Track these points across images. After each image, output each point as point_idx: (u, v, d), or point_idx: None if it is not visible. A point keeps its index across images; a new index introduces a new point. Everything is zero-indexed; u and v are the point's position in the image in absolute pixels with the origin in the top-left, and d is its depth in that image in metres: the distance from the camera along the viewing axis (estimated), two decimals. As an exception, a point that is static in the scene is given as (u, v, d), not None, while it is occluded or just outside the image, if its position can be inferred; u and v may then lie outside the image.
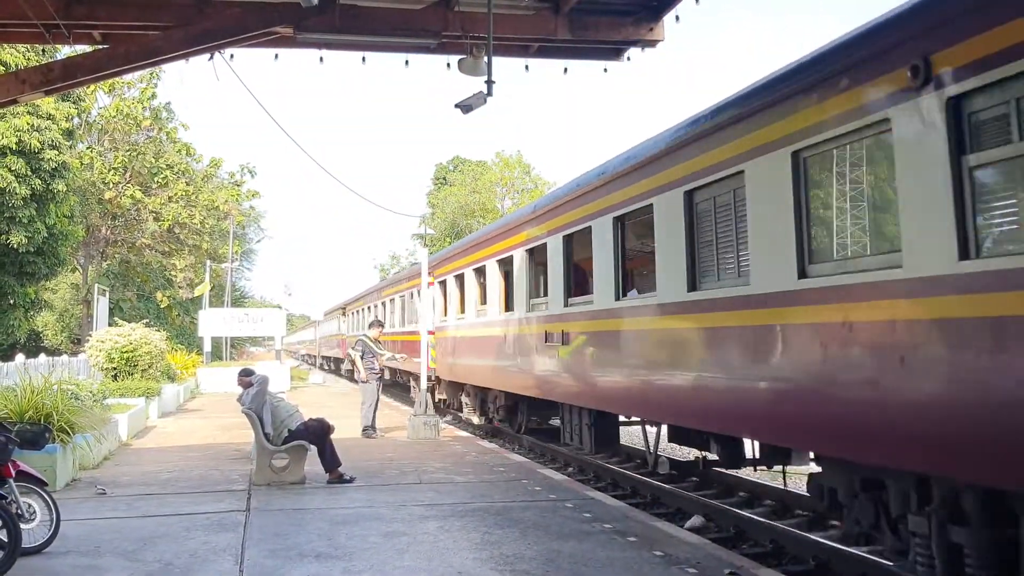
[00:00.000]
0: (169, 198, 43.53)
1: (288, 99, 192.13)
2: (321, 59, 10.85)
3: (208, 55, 10.42)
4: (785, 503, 9.95)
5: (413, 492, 9.76)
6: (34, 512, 7.00)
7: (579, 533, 7.59)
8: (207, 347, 33.55)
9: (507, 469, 11.54)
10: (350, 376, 18.93)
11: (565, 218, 12.12)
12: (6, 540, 6.16)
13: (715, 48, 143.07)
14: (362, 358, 15.72)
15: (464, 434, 16.67)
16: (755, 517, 9.27)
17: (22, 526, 6.48)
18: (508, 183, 61.47)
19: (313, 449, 10.50)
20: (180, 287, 45.76)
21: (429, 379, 16.63)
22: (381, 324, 17.20)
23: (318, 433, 10.58)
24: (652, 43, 10.58)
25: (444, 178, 69.65)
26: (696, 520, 9.48)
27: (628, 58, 11.02)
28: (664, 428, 10.28)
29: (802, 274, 6.72)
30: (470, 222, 55.55)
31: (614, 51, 10.98)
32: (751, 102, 7.50)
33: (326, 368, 53.63)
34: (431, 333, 17.98)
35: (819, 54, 6.79)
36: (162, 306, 46.25)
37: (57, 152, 31.32)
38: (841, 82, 6.28)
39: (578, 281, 12.22)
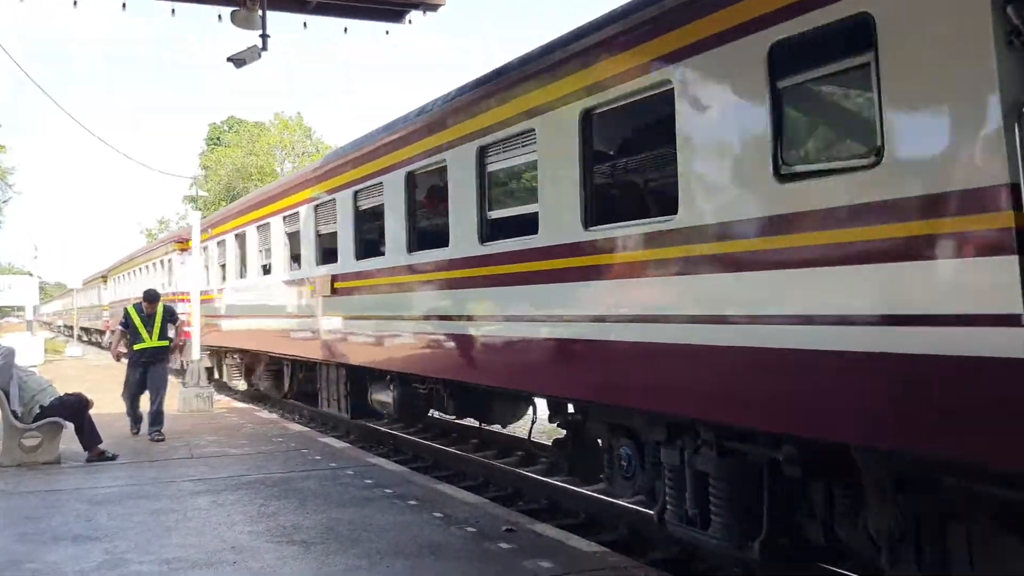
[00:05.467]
0: None
1: (44, 48, 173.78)
2: (75, 3, 9.91)
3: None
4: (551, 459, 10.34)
5: (184, 467, 9.36)
6: None
7: (360, 500, 7.58)
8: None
9: (286, 439, 11.31)
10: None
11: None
12: None
13: (500, 16, 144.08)
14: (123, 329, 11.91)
15: (241, 405, 16.18)
16: (530, 475, 9.63)
17: None
18: (288, 146, 59.39)
19: (70, 426, 9.84)
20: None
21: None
22: (155, 297, 11.97)
23: (75, 409, 9.90)
24: (434, 7, 10.51)
25: (218, 139, 66.06)
26: None
27: (410, 21, 10.86)
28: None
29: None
30: (248, 185, 53.18)
31: (395, 12, 10.79)
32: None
33: (85, 340, 49.86)
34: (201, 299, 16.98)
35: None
36: None
37: None
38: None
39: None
